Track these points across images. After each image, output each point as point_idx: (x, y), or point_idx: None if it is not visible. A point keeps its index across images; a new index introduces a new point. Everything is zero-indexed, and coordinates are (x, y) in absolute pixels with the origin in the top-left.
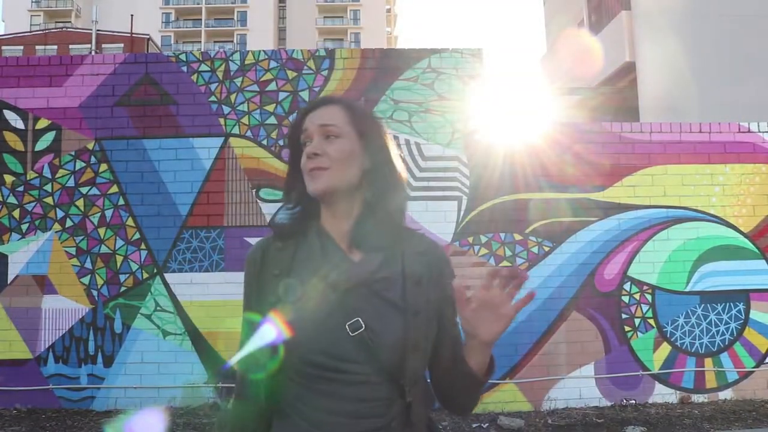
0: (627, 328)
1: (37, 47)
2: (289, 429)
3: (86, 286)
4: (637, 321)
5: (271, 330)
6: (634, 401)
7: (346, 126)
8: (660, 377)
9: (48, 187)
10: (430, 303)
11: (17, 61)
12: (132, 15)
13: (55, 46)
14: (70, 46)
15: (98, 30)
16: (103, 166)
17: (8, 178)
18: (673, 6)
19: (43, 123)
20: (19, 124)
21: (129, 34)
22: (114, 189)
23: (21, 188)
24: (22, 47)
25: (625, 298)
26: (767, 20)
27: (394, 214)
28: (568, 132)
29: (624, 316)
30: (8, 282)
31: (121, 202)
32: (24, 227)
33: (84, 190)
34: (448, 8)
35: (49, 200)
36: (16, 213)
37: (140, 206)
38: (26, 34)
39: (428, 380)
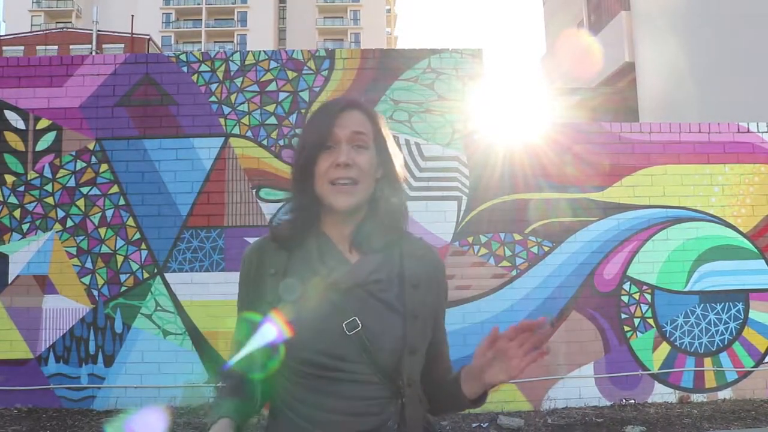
0: (626, 328)
1: (37, 47)
2: (284, 427)
3: (87, 285)
4: (636, 321)
5: (270, 330)
6: (633, 401)
7: (371, 136)
8: (659, 377)
9: (49, 187)
10: (426, 306)
11: (18, 62)
12: (132, 15)
13: (56, 47)
14: (71, 47)
15: (99, 30)
16: (104, 166)
17: (9, 178)
18: (673, 6)
19: (43, 123)
20: (20, 125)
21: (129, 35)
22: (114, 189)
23: (22, 188)
24: (23, 47)
25: (625, 298)
26: (767, 20)
27: (396, 217)
28: (567, 132)
29: (623, 315)
30: (9, 282)
31: (122, 202)
32: (25, 227)
33: (84, 190)
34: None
35: (49, 200)
36: (17, 213)
37: (141, 206)
38: (27, 34)
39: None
